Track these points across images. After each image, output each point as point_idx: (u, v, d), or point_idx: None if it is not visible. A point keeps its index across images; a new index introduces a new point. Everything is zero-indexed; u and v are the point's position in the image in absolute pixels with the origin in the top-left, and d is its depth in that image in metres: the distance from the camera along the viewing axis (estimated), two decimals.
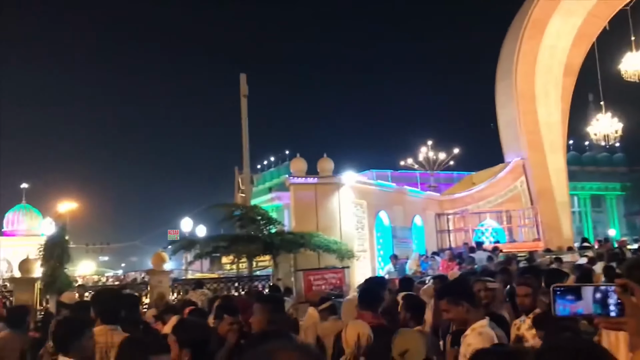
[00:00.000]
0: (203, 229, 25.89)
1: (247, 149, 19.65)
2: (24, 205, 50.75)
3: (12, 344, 5.76)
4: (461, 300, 4.08)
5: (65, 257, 14.55)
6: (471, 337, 3.89)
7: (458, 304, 4.08)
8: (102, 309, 4.61)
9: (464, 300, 4.10)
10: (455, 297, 4.14)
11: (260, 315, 4.74)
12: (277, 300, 5.08)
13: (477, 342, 3.76)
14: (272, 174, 47.11)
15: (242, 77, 19.75)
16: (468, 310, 4.05)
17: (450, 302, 4.15)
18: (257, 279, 17.23)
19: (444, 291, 4.53)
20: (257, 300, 5.00)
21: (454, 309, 4.10)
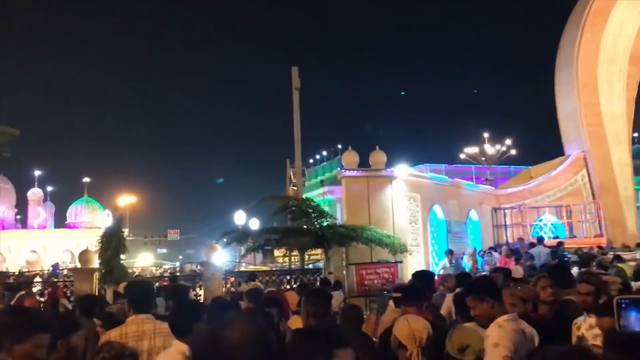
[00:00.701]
0: (256, 222, 26.04)
1: (299, 142, 19.62)
2: (86, 199, 52.86)
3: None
4: (486, 297, 4.14)
5: (122, 249, 14.88)
6: (491, 330, 3.91)
7: (483, 300, 4.14)
8: (134, 299, 4.69)
9: (489, 296, 4.15)
10: (480, 294, 4.21)
11: (306, 309, 4.64)
12: (323, 295, 4.95)
13: (494, 334, 3.81)
14: (324, 168, 47.11)
15: (294, 70, 19.69)
16: (493, 306, 4.10)
17: (475, 298, 4.22)
18: (308, 272, 17.21)
19: (469, 288, 4.59)
20: (303, 294, 4.88)
21: (479, 306, 4.16)
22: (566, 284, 6.59)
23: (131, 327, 4.42)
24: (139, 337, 4.34)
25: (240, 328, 1.73)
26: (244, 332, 1.72)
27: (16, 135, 14.63)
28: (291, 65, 19.99)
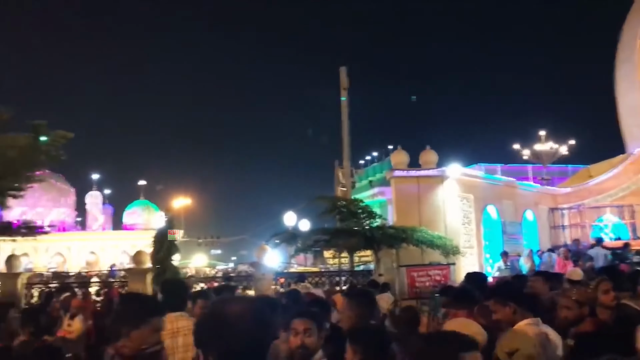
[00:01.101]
0: (307, 223, 25.95)
1: (348, 143, 19.45)
2: (142, 201, 54.35)
3: None
4: (508, 301, 4.12)
5: (173, 250, 15.08)
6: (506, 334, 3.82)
7: (505, 304, 4.12)
8: (168, 297, 4.81)
9: (511, 301, 4.12)
10: (503, 298, 4.18)
11: (349, 311, 4.48)
12: (367, 296, 4.78)
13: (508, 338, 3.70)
14: (375, 169, 46.63)
15: (342, 70, 19.55)
16: (515, 312, 4.07)
17: (498, 302, 4.19)
18: (358, 274, 17.00)
19: (492, 292, 4.56)
20: (346, 295, 4.73)
21: (501, 310, 4.13)
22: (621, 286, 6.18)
23: (167, 323, 4.40)
24: (174, 334, 4.45)
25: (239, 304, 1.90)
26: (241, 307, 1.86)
27: (70, 138, 15.08)
28: (339, 65, 19.85)
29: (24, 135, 13.79)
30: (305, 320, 3.85)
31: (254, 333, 1.80)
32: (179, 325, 4.53)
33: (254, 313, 1.85)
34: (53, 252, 50.64)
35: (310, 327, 3.79)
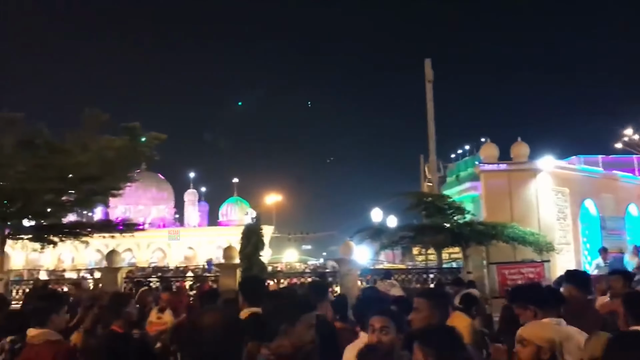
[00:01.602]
0: (394, 219, 25.67)
1: (433, 137, 19.01)
2: (236, 198, 56.05)
3: None
4: (529, 304, 4.16)
5: (261, 245, 15.36)
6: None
7: (526, 308, 4.16)
8: (246, 293, 4.92)
9: (532, 304, 4.15)
10: (524, 301, 4.22)
11: (421, 311, 4.30)
12: (440, 295, 4.59)
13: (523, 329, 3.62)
14: (466, 163, 45.31)
15: (427, 63, 19.12)
16: (536, 314, 4.09)
17: (520, 306, 4.24)
18: (446, 271, 16.59)
19: (514, 295, 4.60)
20: (419, 295, 4.56)
21: (523, 313, 4.18)
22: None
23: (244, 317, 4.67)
24: None
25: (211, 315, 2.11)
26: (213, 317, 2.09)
27: (163, 139, 15.73)
28: (424, 58, 19.44)
29: (120, 137, 14.52)
30: (382, 317, 3.81)
31: (221, 341, 2.01)
32: None
33: (223, 324, 2.06)
34: (154, 248, 53.36)
35: (388, 325, 3.73)
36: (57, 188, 13.55)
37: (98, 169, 14.50)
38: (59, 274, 29.32)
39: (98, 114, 14.63)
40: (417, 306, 4.47)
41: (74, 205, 16.37)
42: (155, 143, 15.58)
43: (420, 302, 4.49)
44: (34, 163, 13.29)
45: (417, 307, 4.46)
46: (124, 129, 14.56)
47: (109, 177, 15.21)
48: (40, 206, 14.15)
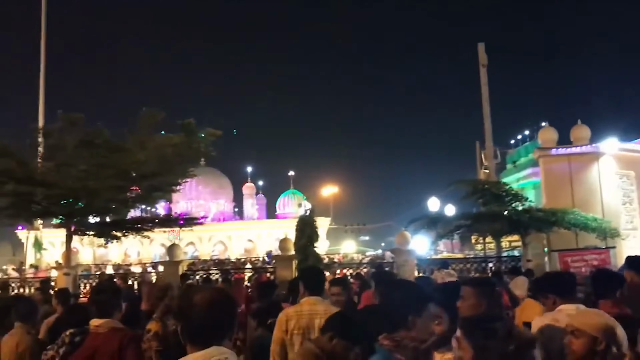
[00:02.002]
0: (451, 208, 25.26)
1: (489, 122, 18.53)
2: (292, 191, 56.59)
3: None
4: (549, 294, 4.19)
5: (315, 237, 15.44)
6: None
7: (547, 297, 4.20)
8: (308, 283, 5.10)
9: (551, 293, 4.17)
10: (544, 291, 4.28)
11: (467, 299, 4.23)
12: (486, 283, 4.48)
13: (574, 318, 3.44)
14: (527, 148, 44.09)
15: (480, 47, 18.63)
16: (555, 302, 4.10)
17: (541, 295, 4.33)
18: (506, 260, 16.21)
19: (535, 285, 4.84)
20: (465, 283, 4.47)
21: (545, 302, 4.25)
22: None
23: (305, 306, 4.86)
24: (312, 316, 4.75)
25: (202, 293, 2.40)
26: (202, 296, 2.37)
27: (219, 135, 16.02)
28: (477, 42, 18.94)
29: (177, 134, 14.87)
30: (435, 307, 3.69)
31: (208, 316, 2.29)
32: (317, 308, 4.80)
33: (210, 301, 2.33)
34: (215, 241, 54.59)
35: (441, 315, 3.61)
36: (117, 185, 14.04)
37: (156, 166, 14.93)
38: (125, 268, 30.42)
39: (154, 113, 15.04)
40: (463, 294, 4.40)
41: (135, 201, 16.92)
42: (211, 139, 15.88)
43: (466, 290, 4.41)
44: (95, 162, 13.82)
45: (463, 296, 4.39)
46: (180, 126, 14.91)
47: (168, 173, 15.64)
48: (102, 203, 14.71)
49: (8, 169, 13.19)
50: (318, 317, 4.67)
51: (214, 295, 2.42)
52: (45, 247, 37.36)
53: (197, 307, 2.32)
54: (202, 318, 2.30)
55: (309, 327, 4.71)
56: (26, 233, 33.42)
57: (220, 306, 2.37)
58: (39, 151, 14.89)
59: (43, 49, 28.75)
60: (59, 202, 14.29)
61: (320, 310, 4.76)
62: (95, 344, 4.25)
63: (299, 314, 4.84)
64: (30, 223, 22.92)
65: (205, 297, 2.37)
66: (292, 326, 4.77)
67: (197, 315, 2.31)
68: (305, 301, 4.93)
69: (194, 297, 2.37)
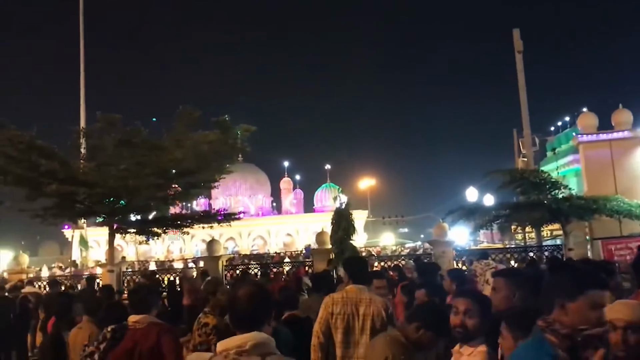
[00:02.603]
0: (490, 198, 24.91)
1: (526, 109, 18.10)
2: (329, 184, 56.65)
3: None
4: None
5: (351, 230, 15.43)
6: None
7: None
8: (352, 271, 5.28)
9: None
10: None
11: (500, 291, 4.17)
12: (519, 274, 4.43)
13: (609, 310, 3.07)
14: (566, 136, 43.11)
15: (515, 33, 18.19)
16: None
17: None
18: (547, 249, 15.92)
19: None
20: (497, 274, 4.42)
21: None
22: None
23: (350, 293, 5.05)
24: (357, 302, 4.96)
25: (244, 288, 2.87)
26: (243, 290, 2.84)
27: (253, 131, 16.14)
28: (512, 28, 18.50)
29: (213, 131, 15.03)
30: (466, 299, 3.65)
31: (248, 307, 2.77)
32: (362, 296, 5.01)
33: (249, 295, 2.81)
34: (255, 236, 55.15)
35: (472, 308, 3.58)
36: (156, 183, 14.30)
37: (193, 163, 15.14)
38: (168, 264, 31.03)
39: (191, 111, 15.23)
40: (495, 286, 4.33)
41: (174, 199, 17.21)
42: (246, 135, 16.02)
43: (499, 282, 4.33)
44: (134, 161, 14.12)
45: (496, 287, 4.32)
46: (215, 123, 15.06)
47: (205, 170, 15.85)
48: (142, 201, 14.99)
49: (52, 169, 13.56)
50: (363, 305, 4.94)
51: (253, 289, 2.88)
52: (91, 245, 38.41)
53: (239, 300, 2.81)
54: (244, 309, 2.79)
55: (353, 313, 4.93)
56: (72, 232, 34.38)
57: (258, 299, 2.83)
58: (81, 152, 15.28)
59: (82, 52, 29.43)
60: (101, 201, 14.64)
61: (364, 298, 4.98)
62: (135, 339, 4.42)
63: (344, 300, 5.01)
64: (74, 222, 23.54)
65: (245, 292, 2.84)
66: (338, 310, 4.96)
67: (239, 307, 2.80)
68: (350, 288, 5.09)
69: (238, 291, 2.87)
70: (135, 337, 4.44)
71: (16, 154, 13.73)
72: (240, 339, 2.73)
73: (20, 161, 13.82)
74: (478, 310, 3.59)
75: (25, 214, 14.99)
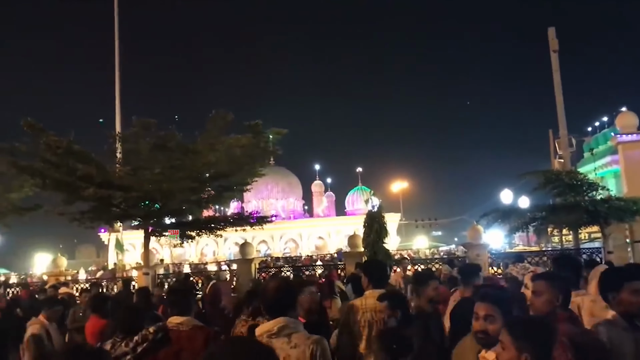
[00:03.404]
0: (526, 200, 24.47)
1: (562, 110, 17.70)
2: (360, 187, 56.55)
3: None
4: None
5: (383, 232, 15.31)
6: None
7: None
8: (371, 276, 5.15)
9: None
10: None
11: (542, 294, 4.05)
12: (559, 277, 4.30)
13: None
14: (605, 136, 42.15)
15: (551, 31, 17.81)
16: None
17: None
18: (585, 252, 15.53)
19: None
20: (538, 277, 4.29)
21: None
22: None
23: (369, 299, 4.89)
24: (377, 309, 4.77)
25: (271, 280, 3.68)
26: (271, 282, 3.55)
27: (284, 134, 16.21)
28: (547, 26, 18.12)
29: (245, 135, 15.14)
30: (487, 305, 3.54)
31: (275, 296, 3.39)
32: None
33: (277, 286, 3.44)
34: (287, 239, 55.35)
35: (493, 314, 3.48)
36: (190, 187, 14.46)
37: (226, 166, 15.28)
38: (201, 267, 31.34)
39: (224, 115, 15.36)
40: (536, 289, 4.21)
41: (207, 202, 17.38)
42: (278, 138, 16.10)
43: (540, 285, 4.20)
44: (168, 165, 14.30)
45: (537, 290, 4.20)
46: (247, 126, 15.16)
47: (237, 173, 15.97)
48: (177, 204, 15.19)
49: (89, 174, 13.81)
50: (384, 312, 4.69)
51: (279, 282, 3.53)
52: (126, 249, 39.08)
53: (268, 291, 3.42)
54: (272, 297, 3.38)
55: (372, 320, 4.77)
56: (108, 235, 35.01)
57: (283, 289, 3.43)
58: (117, 156, 15.54)
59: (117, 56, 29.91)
60: (137, 205, 14.86)
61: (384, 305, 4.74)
62: (180, 341, 4.39)
63: (363, 308, 4.87)
64: (110, 225, 23.96)
65: (273, 284, 3.48)
66: (358, 318, 4.83)
67: (269, 296, 3.41)
68: (369, 294, 4.94)
69: (268, 284, 3.53)
70: (180, 340, 4.41)
71: (55, 159, 14.05)
72: (269, 324, 3.33)
73: (59, 166, 14.13)
74: (499, 314, 3.47)
75: (63, 218, 15.31)
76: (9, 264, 48.47)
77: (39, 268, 39.62)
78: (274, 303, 3.40)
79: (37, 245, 47.36)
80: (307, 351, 3.27)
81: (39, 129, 13.90)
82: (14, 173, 15.70)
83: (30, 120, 13.80)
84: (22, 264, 51.86)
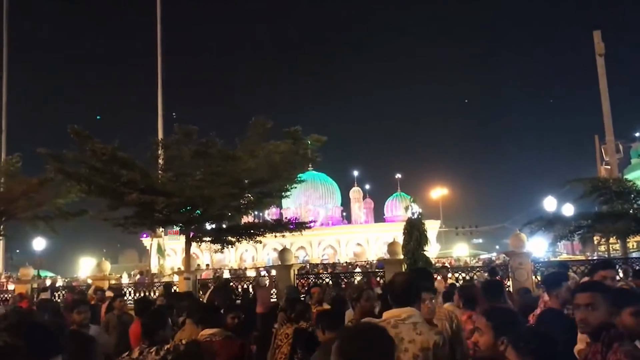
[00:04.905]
0: (570, 207, 23.86)
1: (609, 115, 17.19)
2: (399, 194, 56.16)
3: None
4: None
5: (423, 240, 15.18)
6: None
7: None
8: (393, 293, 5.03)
9: None
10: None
11: (598, 307, 3.80)
12: (606, 290, 4.08)
13: None
14: None
15: (596, 34, 17.35)
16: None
17: None
18: (633, 262, 15.02)
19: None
20: (589, 289, 4.06)
21: None
22: None
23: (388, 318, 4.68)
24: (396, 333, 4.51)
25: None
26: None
27: (324, 141, 16.24)
28: (592, 29, 17.65)
29: (284, 141, 15.25)
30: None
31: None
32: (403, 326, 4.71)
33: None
34: (325, 245, 55.34)
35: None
36: (231, 193, 14.61)
37: (266, 173, 15.39)
38: (240, 273, 31.58)
39: (264, 122, 15.51)
40: (590, 301, 3.91)
41: (247, 208, 17.52)
42: (317, 144, 16.15)
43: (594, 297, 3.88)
44: (209, 171, 14.50)
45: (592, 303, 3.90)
46: (287, 133, 15.26)
47: (277, 179, 16.07)
48: (217, 210, 15.36)
49: (133, 180, 14.12)
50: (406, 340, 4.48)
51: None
52: (168, 254, 39.73)
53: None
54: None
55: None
56: (150, 240, 35.68)
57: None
58: (159, 162, 15.84)
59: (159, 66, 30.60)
60: (178, 210, 15.09)
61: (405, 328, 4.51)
62: (214, 351, 4.49)
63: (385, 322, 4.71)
64: (153, 231, 24.42)
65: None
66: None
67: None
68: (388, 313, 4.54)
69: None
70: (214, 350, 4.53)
71: (100, 165, 14.41)
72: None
73: (103, 172, 14.49)
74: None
75: (107, 223, 15.68)
76: (55, 268, 49.96)
77: (83, 272, 40.64)
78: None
79: (82, 250, 48.71)
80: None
81: (85, 136, 14.30)
82: (61, 179, 16.19)
83: (77, 128, 14.20)
84: (67, 268, 53.39)
